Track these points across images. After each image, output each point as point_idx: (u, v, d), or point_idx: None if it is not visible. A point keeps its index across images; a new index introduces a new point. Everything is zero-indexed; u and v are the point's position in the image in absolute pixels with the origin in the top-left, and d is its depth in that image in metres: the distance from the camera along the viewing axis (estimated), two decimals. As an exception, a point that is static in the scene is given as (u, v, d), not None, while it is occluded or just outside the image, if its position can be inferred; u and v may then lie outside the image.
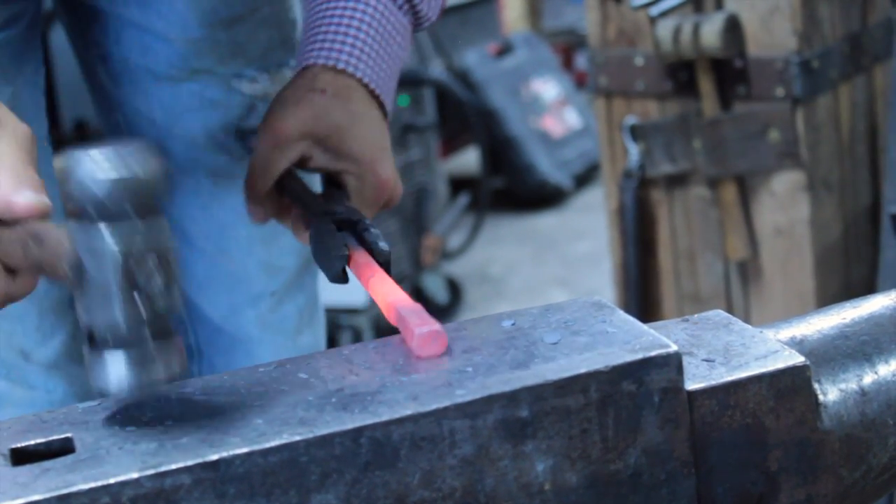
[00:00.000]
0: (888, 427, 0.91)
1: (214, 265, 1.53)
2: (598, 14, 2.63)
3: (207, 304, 1.55)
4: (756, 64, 2.45)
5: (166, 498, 0.72)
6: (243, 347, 1.55)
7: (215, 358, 1.56)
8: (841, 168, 2.60)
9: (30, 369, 1.41)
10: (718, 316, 0.95)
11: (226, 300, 1.55)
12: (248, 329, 1.56)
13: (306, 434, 0.75)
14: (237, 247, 1.53)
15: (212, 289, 1.55)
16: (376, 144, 1.25)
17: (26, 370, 1.41)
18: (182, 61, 1.44)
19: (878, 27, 2.66)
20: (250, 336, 1.56)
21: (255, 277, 1.54)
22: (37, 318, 1.41)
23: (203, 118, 1.44)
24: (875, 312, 0.97)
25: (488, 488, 0.78)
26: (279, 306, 1.56)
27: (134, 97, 1.47)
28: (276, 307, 1.56)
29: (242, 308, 1.55)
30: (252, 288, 1.55)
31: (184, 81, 1.44)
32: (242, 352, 1.55)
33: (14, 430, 0.79)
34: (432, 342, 0.85)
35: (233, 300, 1.55)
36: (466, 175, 5.33)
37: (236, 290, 1.55)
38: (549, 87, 5.90)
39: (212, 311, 1.55)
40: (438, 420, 0.77)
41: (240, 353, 1.55)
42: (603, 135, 2.70)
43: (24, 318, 1.40)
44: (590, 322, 0.88)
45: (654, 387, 0.81)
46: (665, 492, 0.83)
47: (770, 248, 2.54)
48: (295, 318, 1.58)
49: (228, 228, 1.51)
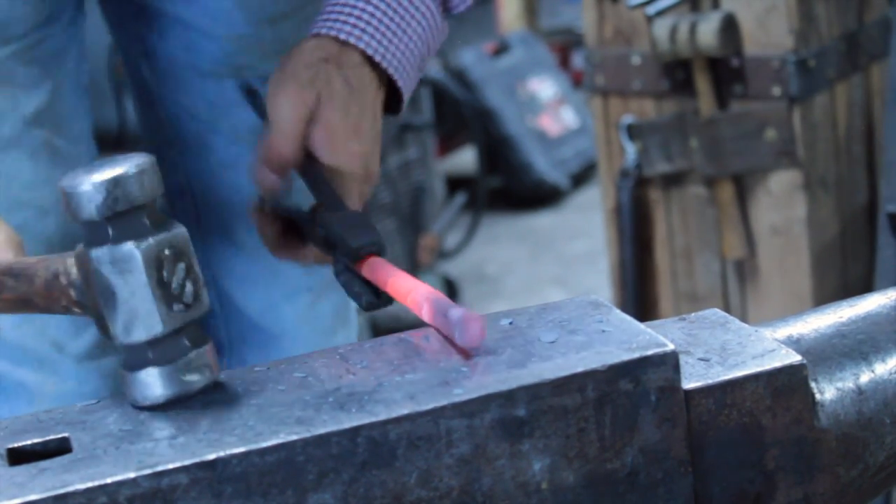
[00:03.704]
0: (885, 426, 0.91)
1: (254, 260, 1.52)
2: (594, 13, 2.63)
3: (244, 299, 1.55)
4: (753, 63, 2.45)
5: (163, 497, 0.72)
6: (278, 343, 1.55)
7: (248, 354, 1.56)
8: (838, 167, 2.60)
9: (62, 361, 1.41)
10: (715, 315, 0.95)
11: (263, 295, 1.55)
12: (285, 325, 1.55)
13: (303, 433, 0.75)
14: None
15: (249, 283, 1.54)
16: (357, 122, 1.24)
17: (59, 362, 1.41)
18: (226, 58, 1.44)
19: (875, 26, 2.66)
20: (286, 332, 1.55)
21: (293, 273, 1.53)
22: None
23: (246, 114, 1.43)
24: (872, 311, 0.97)
25: (485, 487, 0.78)
26: (316, 303, 1.56)
27: (176, 93, 1.47)
28: (314, 304, 1.55)
29: (279, 303, 1.55)
30: (289, 283, 1.54)
31: (228, 77, 1.44)
32: (277, 348, 1.54)
33: (11, 430, 0.79)
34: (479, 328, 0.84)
35: (270, 295, 1.55)
36: (463, 174, 5.33)
37: (273, 285, 1.54)
38: (546, 86, 5.90)
39: (248, 306, 1.55)
40: (435, 419, 0.77)
41: (274, 350, 1.54)
42: (600, 134, 2.70)
43: None
44: (587, 321, 0.88)
45: (651, 386, 0.81)
46: (662, 491, 0.83)
47: (767, 247, 2.54)
48: (331, 316, 1.57)
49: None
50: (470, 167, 5.18)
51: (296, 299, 1.55)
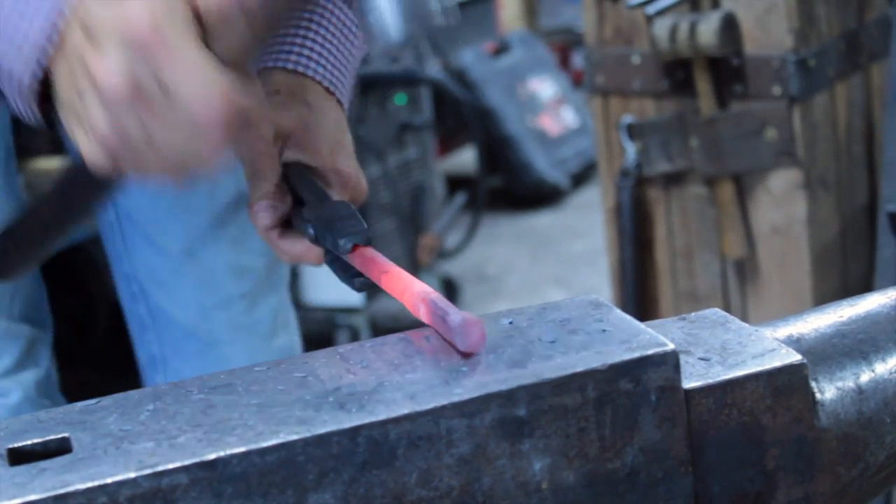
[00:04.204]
0: (885, 425, 0.91)
1: (182, 268, 1.51)
2: (594, 13, 2.63)
3: (176, 309, 1.53)
4: (753, 62, 2.45)
5: (163, 497, 0.72)
6: (214, 352, 1.53)
7: (184, 365, 1.54)
8: (838, 166, 2.60)
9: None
10: (715, 314, 0.95)
11: (195, 304, 1.53)
12: (220, 333, 1.53)
13: (303, 433, 0.75)
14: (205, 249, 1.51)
15: (180, 293, 1.52)
16: (334, 139, 1.23)
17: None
18: None
19: (875, 25, 2.66)
20: (222, 340, 1.53)
21: (225, 279, 1.52)
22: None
23: None
24: (872, 311, 0.97)
25: (486, 487, 0.78)
26: (253, 309, 1.54)
27: None
28: (250, 310, 1.54)
29: (213, 312, 1.53)
30: (222, 290, 1.53)
31: None
32: (213, 357, 1.52)
33: (11, 430, 0.79)
34: (479, 332, 0.84)
35: (203, 304, 1.53)
36: (463, 174, 5.33)
37: (206, 293, 1.52)
38: (546, 86, 5.90)
39: (181, 315, 1.53)
40: (436, 419, 0.77)
41: (211, 359, 1.52)
42: (600, 133, 2.70)
43: None
44: (587, 321, 0.88)
45: (652, 385, 0.81)
46: (662, 490, 0.83)
47: (767, 247, 2.54)
48: (269, 320, 1.56)
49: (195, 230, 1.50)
50: (470, 167, 5.18)
51: (230, 306, 1.53)
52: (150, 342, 1.56)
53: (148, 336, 1.55)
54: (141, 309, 1.55)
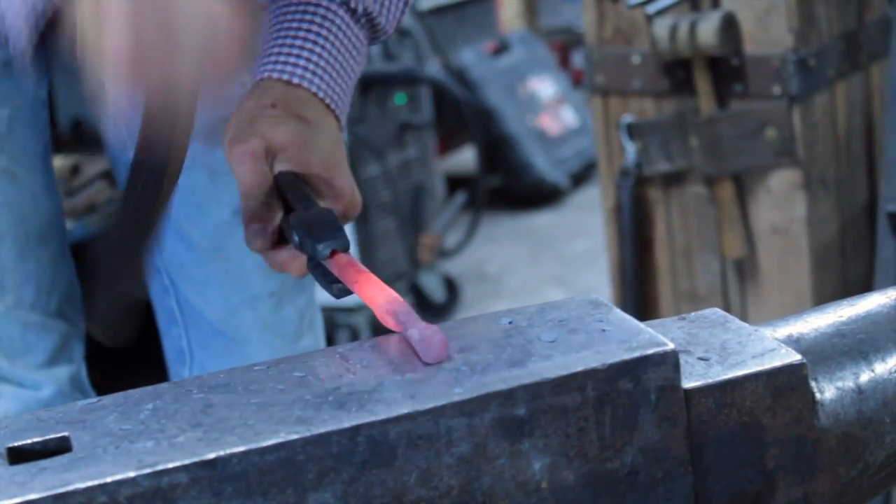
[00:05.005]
0: (885, 425, 0.91)
1: (211, 264, 1.52)
2: (594, 12, 2.63)
3: (204, 305, 1.54)
4: (753, 62, 2.45)
5: (163, 497, 0.72)
6: (241, 350, 1.54)
7: (209, 361, 1.55)
8: (838, 166, 2.60)
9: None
10: (715, 314, 0.95)
11: (223, 301, 1.53)
12: (247, 331, 1.54)
13: (303, 433, 0.75)
14: (234, 245, 1.51)
15: (209, 289, 1.53)
16: (331, 155, 1.23)
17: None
18: None
19: (875, 25, 2.66)
20: (249, 338, 1.54)
21: (253, 277, 1.53)
22: None
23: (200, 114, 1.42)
24: (872, 311, 0.97)
25: (485, 487, 0.78)
26: (279, 308, 1.55)
27: None
28: (277, 309, 1.55)
29: (241, 309, 1.54)
30: (250, 288, 1.53)
31: None
32: (239, 355, 1.53)
33: (11, 429, 0.79)
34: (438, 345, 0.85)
35: (230, 301, 1.54)
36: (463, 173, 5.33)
37: (234, 290, 1.53)
38: (546, 86, 5.90)
39: (209, 311, 1.54)
40: (435, 418, 0.77)
41: (236, 356, 1.53)
42: (599, 133, 2.70)
43: None
44: (587, 320, 0.88)
45: (651, 385, 0.81)
46: (662, 490, 0.83)
47: (767, 247, 2.54)
48: (296, 321, 1.57)
49: (225, 227, 1.50)
50: (470, 166, 5.18)
51: (257, 304, 1.54)
52: (179, 336, 1.56)
53: (176, 330, 1.56)
54: (170, 302, 1.56)
